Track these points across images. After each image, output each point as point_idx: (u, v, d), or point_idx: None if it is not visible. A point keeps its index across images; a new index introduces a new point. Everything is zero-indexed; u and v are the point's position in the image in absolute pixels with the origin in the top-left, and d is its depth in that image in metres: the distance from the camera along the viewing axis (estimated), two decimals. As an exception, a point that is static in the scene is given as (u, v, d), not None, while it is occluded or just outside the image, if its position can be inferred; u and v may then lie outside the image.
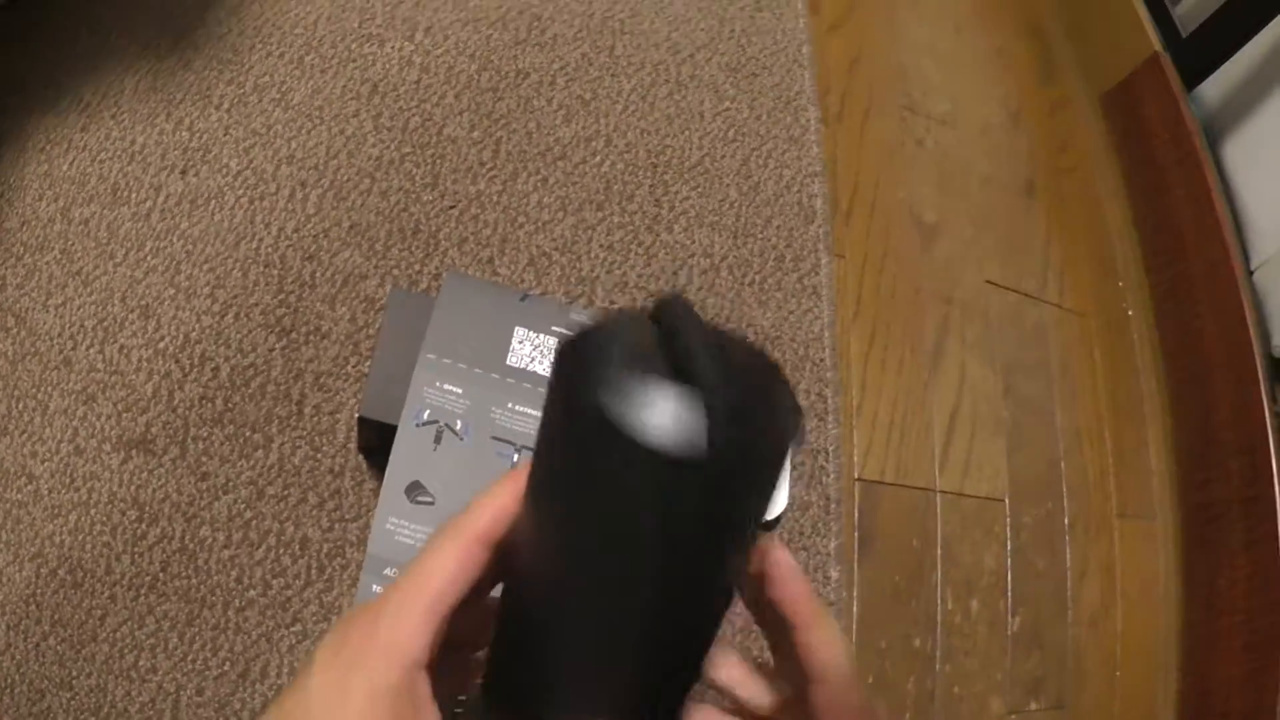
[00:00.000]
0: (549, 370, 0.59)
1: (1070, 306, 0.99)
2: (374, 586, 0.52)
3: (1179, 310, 1.05)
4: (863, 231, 0.88)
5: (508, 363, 0.58)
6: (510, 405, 0.56)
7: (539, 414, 0.54)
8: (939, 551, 0.81)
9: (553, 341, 0.60)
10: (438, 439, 0.54)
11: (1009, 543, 0.86)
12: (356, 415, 0.59)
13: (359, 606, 0.31)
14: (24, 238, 0.67)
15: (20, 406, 0.63)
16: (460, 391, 0.56)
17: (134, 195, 0.70)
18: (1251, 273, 1.03)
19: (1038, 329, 0.95)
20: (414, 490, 0.53)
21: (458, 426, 0.55)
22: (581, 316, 0.62)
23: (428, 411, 0.55)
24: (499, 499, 0.30)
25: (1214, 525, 0.97)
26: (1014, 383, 0.90)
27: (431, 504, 0.53)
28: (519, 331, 0.60)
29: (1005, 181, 1.02)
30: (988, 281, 0.93)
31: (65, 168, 0.70)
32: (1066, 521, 0.90)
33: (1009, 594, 0.85)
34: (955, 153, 1.00)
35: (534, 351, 0.59)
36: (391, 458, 0.53)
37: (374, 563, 0.52)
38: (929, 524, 0.81)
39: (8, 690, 0.58)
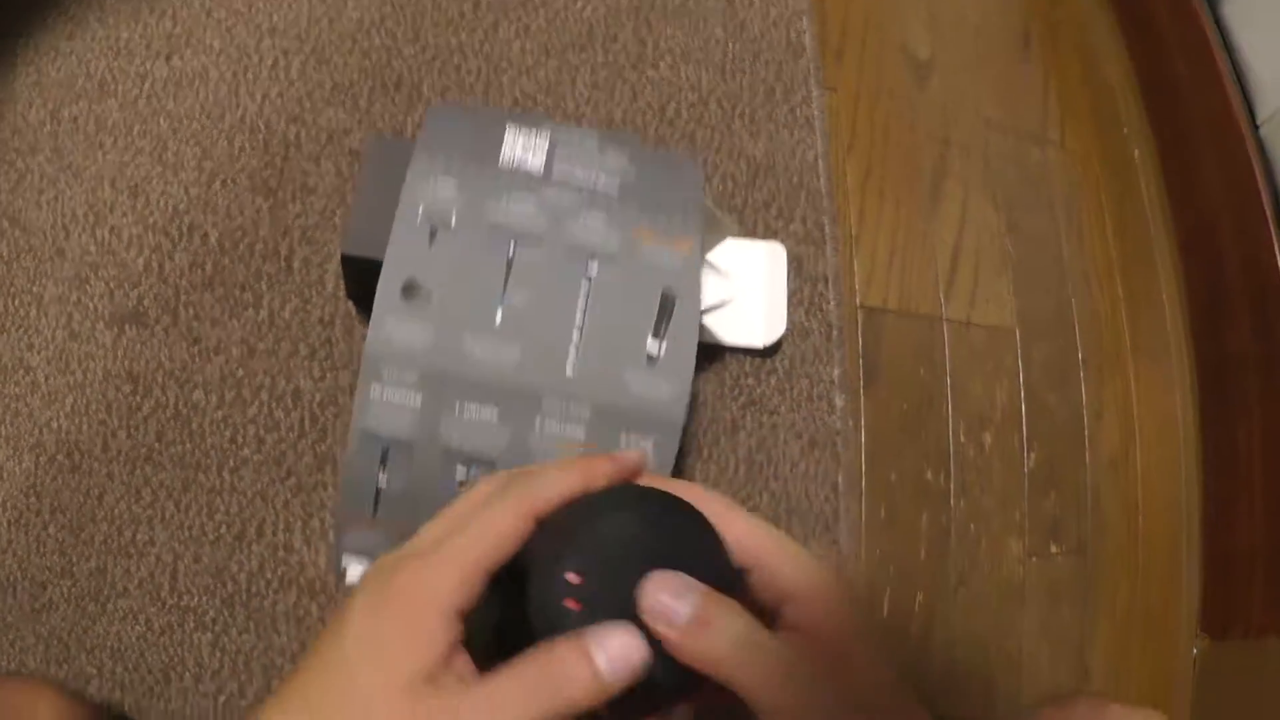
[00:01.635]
0: (541, 166, 0.57)
1: (1072, 149, 0.97)
2: (372, 388, 0.51)
3: (1183, 164, 1.03)
4: (854, 68, 0.87)
5: (500, 162, 0.58)
6: (505, 198, 0.55)
7: (534, 207, 0.54)
8: (948, 382, 0.80)
9: (544, 139, 0.59)
10: (432, 236, 0.54)
11: (1021, 376, 0.85)
12: (340, 254, 0.59)
13: (401, 555, 0.32)
14: (15, 144, 0.68)
15: (15, 303, 0.65)
16: (454, 188, 0.55)
17: (120, 87, 0.71)
18: (1258, 127, 1.01)
19: (1040, 169, 0.94)
20: (410, 289, 0.52)
21: (452, 223, 0.54)
22: (569, 126, 0.62)
23: (421, 209, 0.54)
24: (566, 481, 0.33)
25: (1229, 377, 0.96)
26: (1018, 219, 0.89)
27: (428, 302, 0.52)
28: (510, 129, 0.59)
29: (999, 33, 1.01)
30: (986, 121, 0.92)
31: (53, 73, 0.71)
32: (1080, 357, 0.89)
33: (1023, 429, 0.84)
34: (947, 2, 0.98)
35: (526, 147, 0.59)
36: (386, 259, 0.53)
37: (371, 365, 0.51)
38: (936, 354, 0.80)
39: (10, 589, 0.59)
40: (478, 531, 0.31)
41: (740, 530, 0.34)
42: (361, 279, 0.56)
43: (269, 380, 0.65)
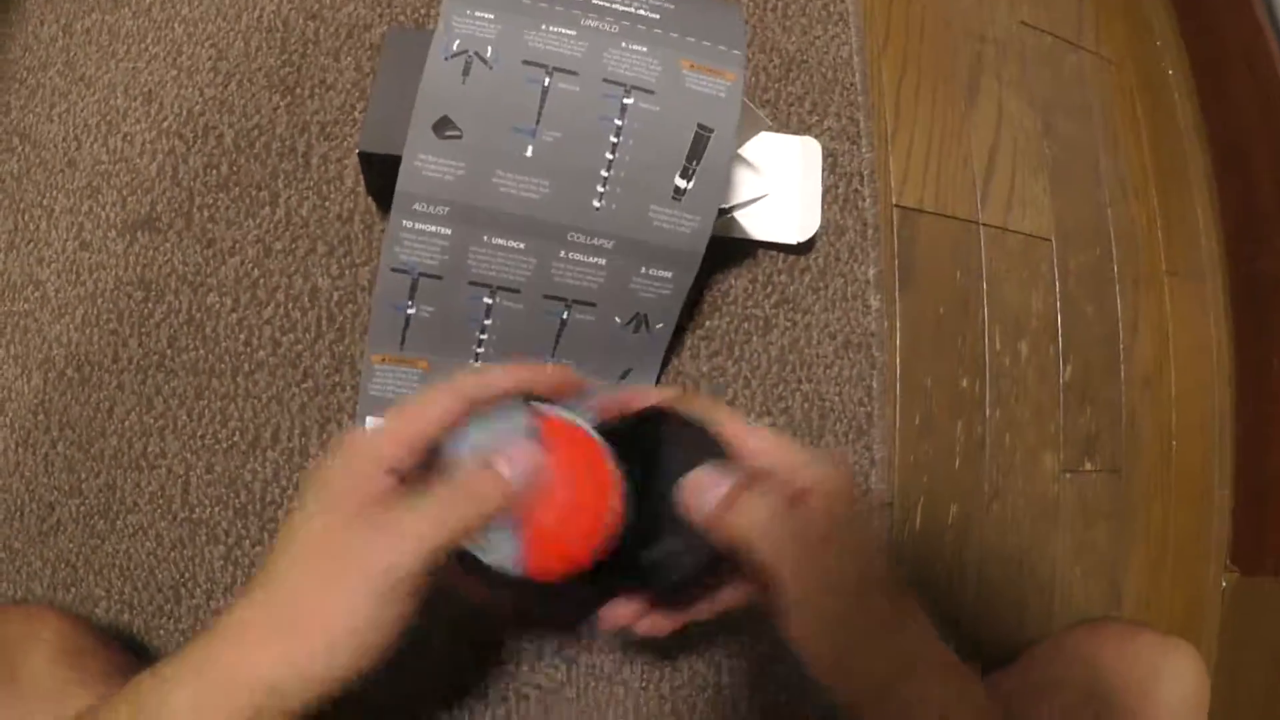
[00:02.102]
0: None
1: (1108, 56, 0.94)
2: (403, 222, 0.53)
3: (1217, 85, 1.01)
4: (887, -37, 0.84)
5: None
6: (544, 27, 0.53)
7: (574, 32, 0.52)
8: (984, 287, 0.78)
9: None
10: (466, 71, 0.52)
11: (1057, 285, 0.82)
12: (357, 151, 0.58)
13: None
14: (27, 61, 0.67)
15: (26, 218, 0.64)
16: (491, 17, 0.53)
17: None
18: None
19: (1076, 74, 0.91)
20: (442, 125, 0.52)
21: (488, 54, 0.52)
22: None
23: (457, 42, 0.52)
24: (505, 378, 0.40)
25: (1263, 302, 0.94)
26: (1054, 122, 0.86)
27: (459, 137, 0.52)
28: None
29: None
30: (1022, 22, 0.89)
31: None
32: (1115, 270, 0.87)
33: (1059, 340, 0.82)
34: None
35: None
36: (419, 95, 0.52)
37: (403, 198, 0.52)
38: (973, 258, 0.77)
39: (17, 513, 0.59)
40: (417, 407, 0.38)
41: (757, 442, 0.42)
42: (382, 175, 0.55)
43: (285, 280, 0.63)
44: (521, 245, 0.54)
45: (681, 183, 0.54)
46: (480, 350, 0.57)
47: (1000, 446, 0.78)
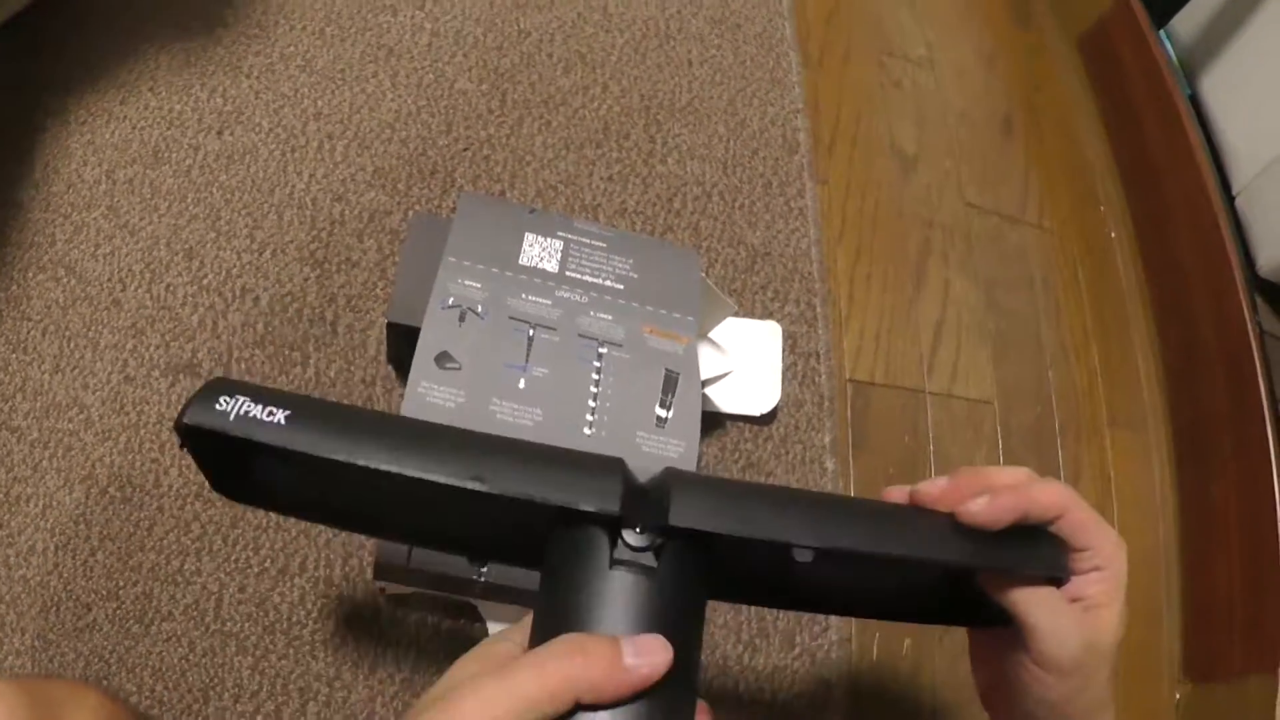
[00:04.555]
0: (555, 267, 0.65)
1: (1051, 228, 1.04)
2: None
3: (1159, 235, 1.08)
4: (845, 161, 0.95)
5: (520, 262, 0.65)
6: (524, 296, 0.63)
7: (548, 301, 0.61)
8: (931, 448, 0.87)
9: (558, 244, 0.67)
10: (461, 318, 0.60)
11: (1000, 444, 0.91)
12: (385, 321, 0.64)
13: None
14: (71, 199, 0.74)
15: (71, 346, 0.69)
16: (479, 285, 0.62)
17: (174, 155, 0.78)
18: (1233, 198, 1.08)
19: (1019, 249, 1.01)
20: (443, 359, 0.59)
21: (478, 309, 0.61)
22: (584, 225, 0.70)
23: (452, 299, 0.61)
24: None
25: (1204, 436, 1.00)
26: (997, 297, 0.96)
27: (458, 369, 0.58)
28: (528, 237, 0.67)
29: (983, 118, 1.08)
30: (968, 204, 0.99)
31: (108, 136, 0.77)
32: (1057, 425, 0.95)
33: (1003, 493, 0.90)
34: (933, 93, 1.06)
35: (542, 252, 0.66)
36: (421, 334, 0.59)
37: None
38: (920, 422, 0.87)
39: (54, 608, 0.62)
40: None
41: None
42: (404, 344, 0.62)
43: None
44: None
45: (662, 412, 0.61)
46: (479, 579, 0.59)
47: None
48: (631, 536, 0.33)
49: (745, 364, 0.78)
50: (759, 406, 0.77)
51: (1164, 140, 1.11)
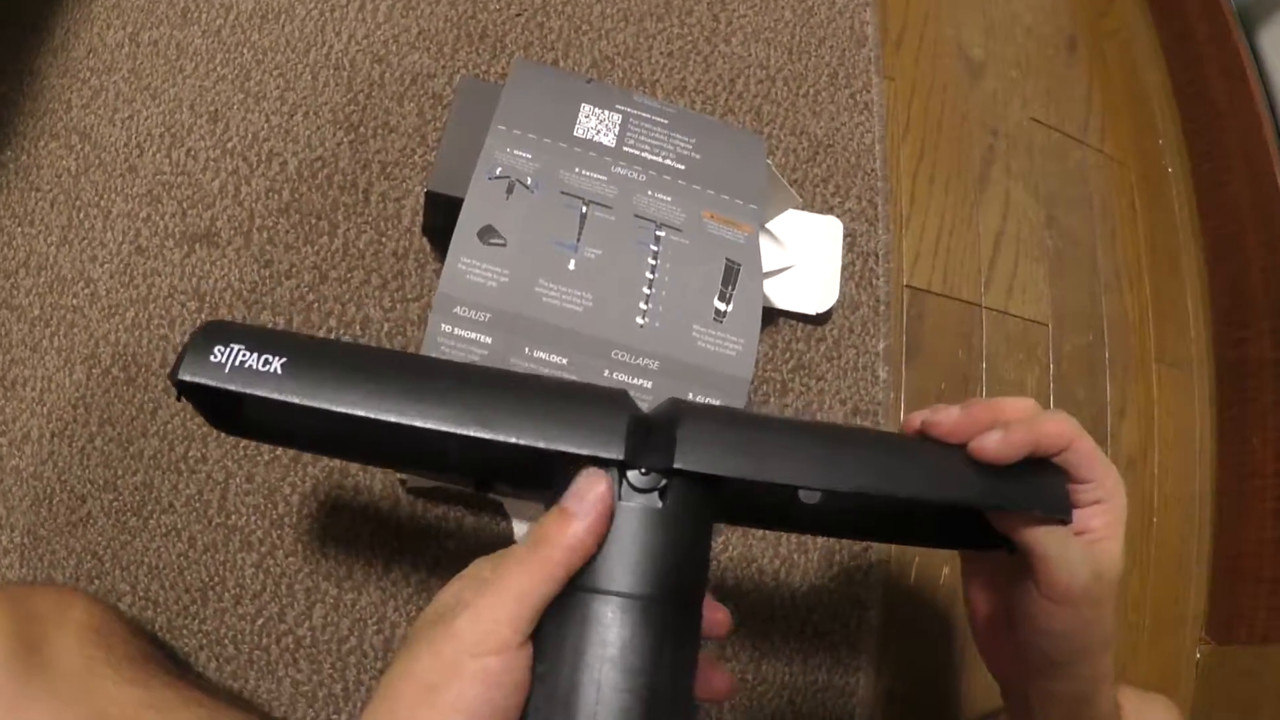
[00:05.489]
0: (613, 142, 0.61)
1: (1111, 153, 1.00)
2: (442, 325, 0.53)
3: (1215, 175, 1.06)
4: (912, 60, 0.90)
5: (575, 134, 0.61)
6: (577, 170, 0.58)
7: (604, 177, 0.57)
8: (984, 365, 0.83)
9: (616, 117, 0.62)
10: (509, 190, 0.56)
11: (1052, 369, 0.88)
12: (425, 190, 0.60)
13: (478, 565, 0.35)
14: (90, 63, 0.69)
15: (81, 216, 0.65)
16: (529, 156, 0.58)
17: (204, 16, 0.72)
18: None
19: (1079, 169, 0.97)
20: (486, 233, 0.55)
21: (528, 182, 0.57)
22: (643, 99, 0.65)
23: (500, 168, 0.56)
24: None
25: (1247, 384, 0.98)
26: (1057, 214, 0.92)
27: (503, 245, 0.54)
28: (585, 107, 0.62)
29: (1049, 35, 1.04)
30: (1032, 119, 0.95)
31: None
32: (1107, 356, 0.92)
33: (1050, 418, 0.87)
34: (1001, 3, 1.01)
35: (599, 125, 0.62)
36: (465, 205, 0.55)
37: (444, 301, 0.52)
38: (974, 338, 0.83)
39: (46, 501, 0.59)
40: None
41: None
42: (443, 216, 0.58)
43: (339, 307, 0.65)
44: (564, 360, 0.54)
45: (720, 305, 0.57)
46: None
47: (989, 515, 0.83)
48: (637, 478, 0.34)
49: (804, 259, 0.73)
50: (815, 305, 0.73)
51: (1225, 82, 1.08)
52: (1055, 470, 0.40)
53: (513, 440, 0.34)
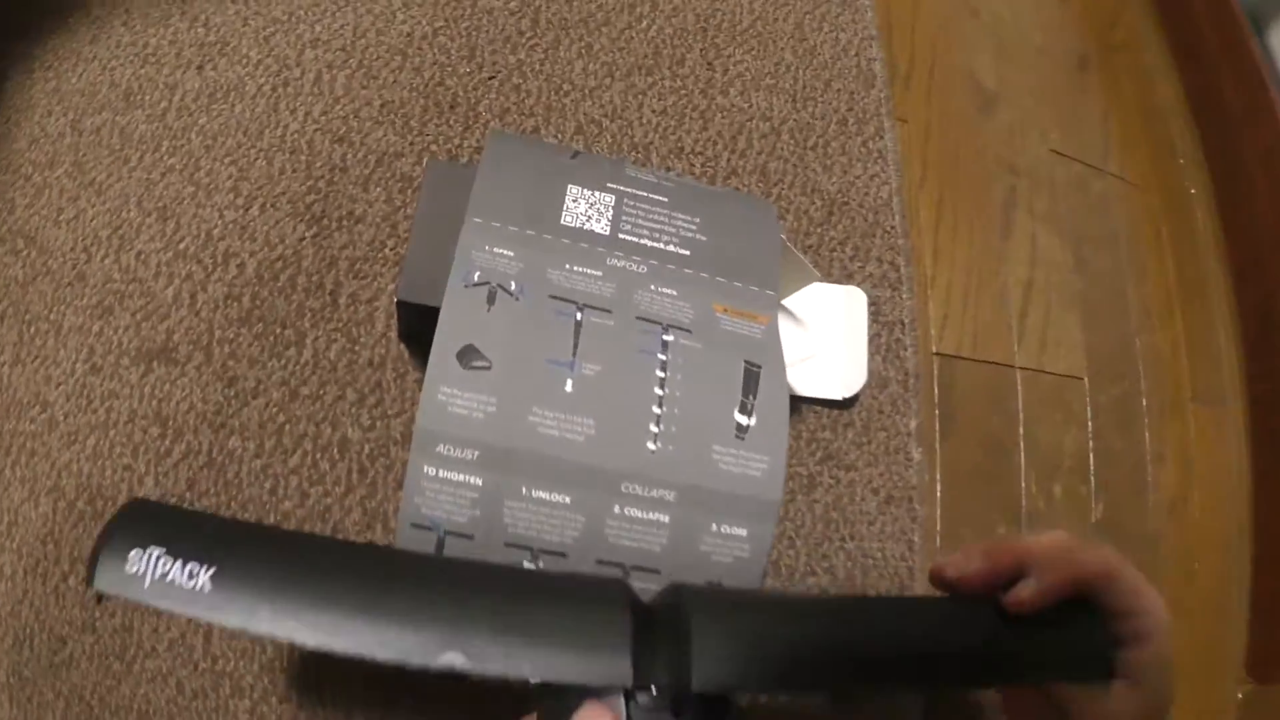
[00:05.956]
0: (606, 228, 0.53)
1: (1133, 180, 0.94)
2: (425, 468, 0.45)
3: (1236, 192, 1.02)
4: (923, 97, 0.83)
5: (562, 222, 0.52)
6: (567, 266, 0.50)
7: (599, 272, 0.49)
8: (1020, 430, 0.76)
9: (609, 198, 0.54)
10: (491, 299, 0.48)
11: (1089, 424, 0.81)
12: (395, 300, 0.54)
13: None
14: (33, 156, 0.63)
15: (32, 331, 0.59)
16: (512, 254, 0.49)
17: (148, 98, 0.65)
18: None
19: (1102, 201, 0.90)
20: (467, 355, 0.46)
21: (511, 287, 0.48)
22: (637, 173, 0.57)
23: (478, 273, 0.48)
24: None
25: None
26: (1085, 255, 0.86)
27: (488, 368, 0.46)
28: (572, 190, 0.54)
29: (1061, 54, 0.97)
30: (1051, 150, 0.88)
31: (74, 81, 0.65)
32: (1144, 403, 0.86)
33: (1091, 479, 0.81)
34: (1010, 24, 0.94)
35: (590, 209, 0.53)
36: (439, 322, 0.46)
37: (424, 438, 0.45)
38: (1009, 401, 0.76)
39: (27, 642, 0.55)
40: None
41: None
42: (421, 321, 0.51)
43: (313, 427, 0.59)
44: (567, 499, 0.46)
45: (742, 419, 0.49)
46: None
47: (1031, 588, 0.76)
48: (647, 701, 0.31)
49: (827, 339, 0.66)
50: (843, 390, 0.66)
51: (1239, 91, 1.04)
52: (1093, 620, 0.38)
53: (496, 672, 0.30)
